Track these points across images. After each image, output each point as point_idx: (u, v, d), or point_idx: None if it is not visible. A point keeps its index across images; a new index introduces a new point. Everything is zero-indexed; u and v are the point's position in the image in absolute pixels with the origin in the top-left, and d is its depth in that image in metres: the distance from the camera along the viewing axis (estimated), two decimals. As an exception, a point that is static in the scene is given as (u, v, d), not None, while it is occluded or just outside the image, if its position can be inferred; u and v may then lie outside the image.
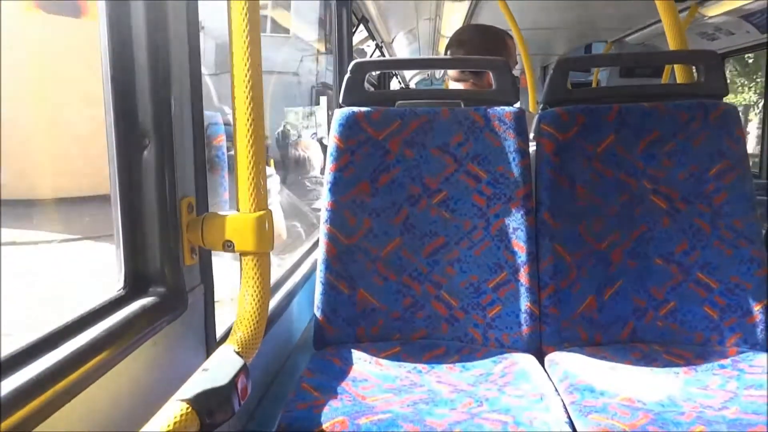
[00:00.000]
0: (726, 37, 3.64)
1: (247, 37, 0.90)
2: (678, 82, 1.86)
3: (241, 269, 0.99)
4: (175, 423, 0.71)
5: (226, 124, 1.69)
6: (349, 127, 1.56)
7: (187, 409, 0.72)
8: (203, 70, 1.07)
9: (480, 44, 2.00)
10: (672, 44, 1.92)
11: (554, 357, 1.43)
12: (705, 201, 1.50)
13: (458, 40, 2.07)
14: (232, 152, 0.97)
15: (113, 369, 0.82)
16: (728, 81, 1.66)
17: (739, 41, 3.62)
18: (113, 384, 0.82)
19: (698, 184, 1.51)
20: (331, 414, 1.16)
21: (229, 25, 0.90)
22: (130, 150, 0.94)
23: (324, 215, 1.53)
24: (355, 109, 1.57)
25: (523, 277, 1.49)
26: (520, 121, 1.55)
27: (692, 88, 1.61)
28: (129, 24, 0.92)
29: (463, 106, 1.58)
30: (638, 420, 1.14)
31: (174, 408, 0.72)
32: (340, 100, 1.62)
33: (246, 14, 0.89)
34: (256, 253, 0.97)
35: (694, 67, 1.67)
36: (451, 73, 2.04)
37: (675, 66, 1.90)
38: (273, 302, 1.53)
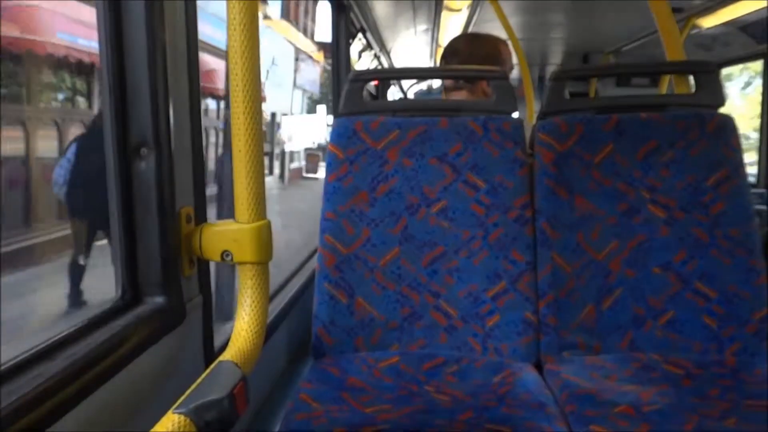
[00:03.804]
0: (722, 47, 3.66)
1: (245, 44, 0.89)
2: (676, 92, 1.86)
3: (239, 280, 0.98)
4: None
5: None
6: (348, 136, 1.56)
7: (185, 421, 0.72)
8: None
9: (472, 53, 1.99)
10: (670, 54, 1.93)
11: (553, 367, 1.43)
12: (703, 210, 1.50)
13: (451, 50, 2.07)
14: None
15: (110, 380, 0.81)
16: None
17: (735, 52, 3.64)
18: (110, 395, 0.81)
19: (696, 193, 1.51)
20: (330, 425, 1.15)
21: (227, 31, 0.90)
22: (129, 159, 0.94)
23: (322, 225, 1.53)
24: (354, 118, 1.57)
25: (522, 286, 1.49)
26: (518, 130, 1.55)
27: (689, 98, 1.62)
28: (127, 32, 0.92)
29: (461, 116, 1.58)
30: (638, 430, 1.13)
31: (172, 420, 0.72)
32: (339, 110, 1.62)
33: (244, 20, 0.89)
34: (255, 263, 0.96)
35: (691, 77, 1.68)
36: (446, 83, 2.04)
37: (673, 76, 1.91)
38: (271, 312, 1.53)
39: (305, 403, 1.24)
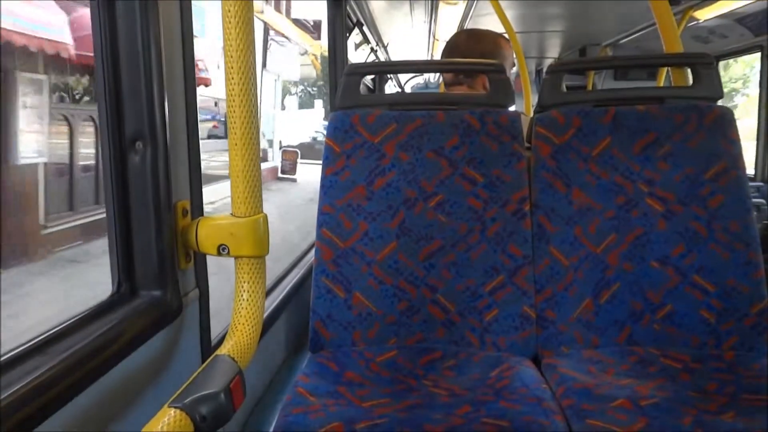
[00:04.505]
0: (720, 39, 3.66)
1: (240, 39, 0.89)
2: (673, 84, 1.86)
3: (235, 274, 0.98)
4: (168, 429, 0.70)
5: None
6: (345, 130, 1.55)
7: (181, 415, 0.71)
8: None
9: (472, 49, 2.00)
10: (667, 47, 1.92)
11: (551, 361, 1.43)
12: (701, 203, 1.50)
13: (451, 46, 2.08)
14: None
15: (106, 374, 0.81)
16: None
17: (732, 44, 3.64)
18: (106, 390, 0.81)
19: (694, 186, 1.50)
20: (327, 419, 1.15)
21: (222, 27, 0.90)
22: (124, 153, 0.94)
23: (319, 219, 1.53)
24: (351, 112, 1.57)
25: (520, 280, 1.49)
26: (515, 124, 1.55)
27: (687, 90, 1.61)
28: (122, 25, 0.91)
29: (458, 109, 1.58)
30: (636, 424, 1.13)
31: (167, 414, 0.71)
32: (336, 104, 1.61)
33: (239, 16, 0.88)
34: (251, 257, 0.96)
35: (689, 70, 1.68)
36: (446, 78, 2.04)
37: (671, 68, 1.90)
38: (268, 306, 1.52)
39: (302, 397, 1.24)
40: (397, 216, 1.53)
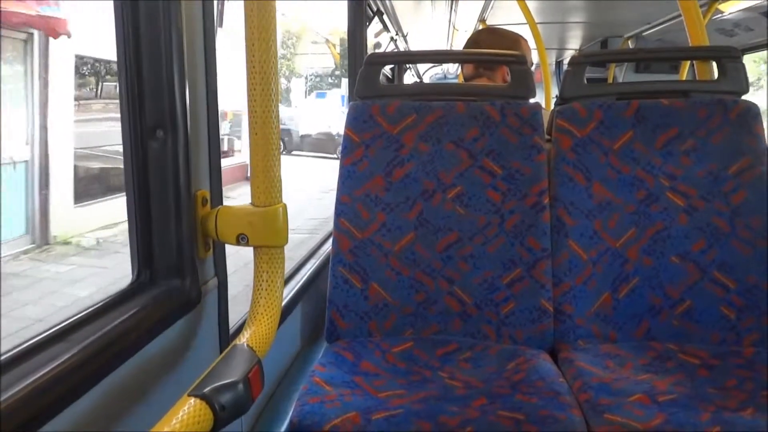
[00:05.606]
0: (745, 33, 3.59)
1: (260, 33, 0.89)
2: (698, 78, 1.83)
3: (254, 263, 0.98)
4: (188, 418, 0.70)
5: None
6: (364, 120, 1.55)
7: (201, 404, 0.72)
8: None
9: (492, 45, 2.00)
10: (693, 40, 1.89)
11: (568, 354, 1.42)
12: (723, 199, 1.48)
13: (472, 43, 2.10)
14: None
15: (125, 363, 0.81)
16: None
17: (758, 37, 3.57)
18: (125, 378, 0.82)
19: (717, 181, 1.48)
20: (343, 409, 1.15)
21: (244, 22, 0.89)
22: (144, 141, 0.94)
23: (337, 209, 1.53)
24: (370, 102, 1.56)
25: (538, 273, 1.48)
26: (536, 116, 1.54)
27: (712, 84, 1.59)
28: (144, 14, 0.91)
29: (478, 100, 1.57)
30: (654, 420, 1.12)
31: (188, 403, 0.72)
32: (355, 94, 1.61)
33: (260, 8, 0.88)
34: (270, 247, 0.96)
35: (714, 63, 1.65)
36: (466, 72, 2.04)
37: (696, 62, 1.88)
38: (286, 295, 1.53)
39: (318, 387, 1.24)
40: (415, 207, 1.52)
